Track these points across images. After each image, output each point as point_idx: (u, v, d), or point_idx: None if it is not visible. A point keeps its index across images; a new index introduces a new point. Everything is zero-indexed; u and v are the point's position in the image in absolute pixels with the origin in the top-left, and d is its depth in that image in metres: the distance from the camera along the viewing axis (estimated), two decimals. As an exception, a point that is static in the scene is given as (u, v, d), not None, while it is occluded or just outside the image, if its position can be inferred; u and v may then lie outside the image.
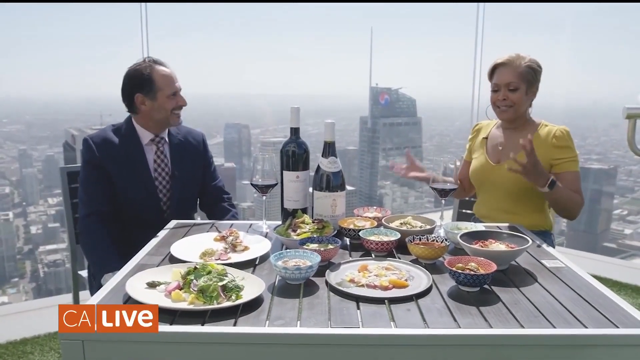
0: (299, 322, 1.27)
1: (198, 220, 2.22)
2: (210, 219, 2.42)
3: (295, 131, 1.97)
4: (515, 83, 2.19)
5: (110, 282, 1.52)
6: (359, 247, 1.80)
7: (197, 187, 2.40)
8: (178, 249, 1.73)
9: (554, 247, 2.30)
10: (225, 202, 2.48)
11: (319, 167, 1.93)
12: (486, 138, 2.38)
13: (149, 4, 3.58)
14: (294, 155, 1.96)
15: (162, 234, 1.99)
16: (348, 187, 1.98)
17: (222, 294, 1.35)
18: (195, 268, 1.44)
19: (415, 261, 1.67)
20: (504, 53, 2.26)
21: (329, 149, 1.92)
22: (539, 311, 1.32)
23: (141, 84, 2.17)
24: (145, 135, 2.25)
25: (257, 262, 1.69)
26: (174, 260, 1.68)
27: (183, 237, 1.93)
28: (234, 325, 1.25)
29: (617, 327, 1.24)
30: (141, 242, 1.89)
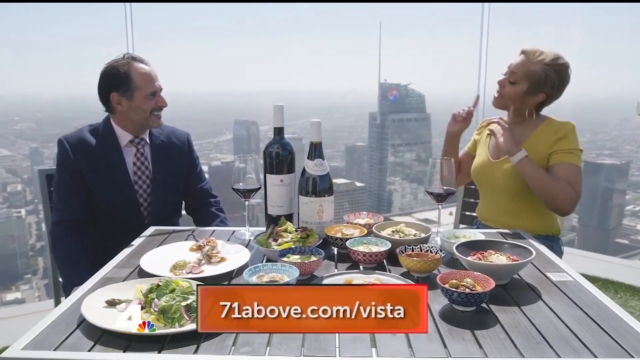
0: (268, 348, 1.12)
1: (178, 227, 2.08)
2: (197, 225, 2.27)
3: (279, 131, 1.82)
4: (517, 77, 2.02)
5: (70, 299, 1.39)
6: (347, 257, 1.65)
7: (180, 190, 2.26)
8: (148, 261, 1.59)
9: (562, 254, 2.15)
10: (213, 207, 2.33)
11: (304, 170, 1.79)
12: (489, 134, 2.22)
13: (134, 3, 3.47)
14: (278, 157, 1.82)
15: (137, 242, 1.86)
16: (357, 184, 1.84)
17: (185, 315, 1.21)
18: (158, 285, 1.30)
19: (407, 274, 1.52)
20: (547, 46, 2.06)
21: (315, 150, 1.78)
22: (542, 336, 1.17)
23: (117, 82, 2.03)
24: (124, 136, 2.11)
25: (233, 275, 1.54)
26: (143, 274, 1.54)
27: (159, 245, 1.79)
28: (195, 352, 1.12)
29: (632, 357, 1.08)
30: (120, 251, 1.76)
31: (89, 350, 1.13)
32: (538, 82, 2.01)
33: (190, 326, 1.19)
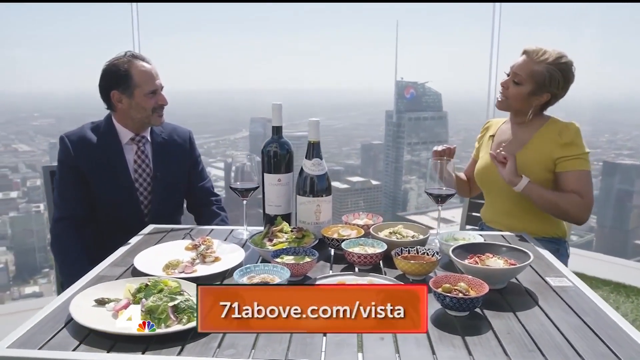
0: (253, 351, 1.11)
1: (176, 226, 2.07)
2: (198, 224, 2.27)
3: (277, 130, 1.81)
4: (521, 77, 1.98)
5: (60, 297, 1.39)
6: (343, 258, 1.62)
7: (182, 188, 2.25)
8: (142, 259, 1.58)
9: (567, 257, 2.11)
10: (214, 206, 2.32)
11: (302, 169, 1.77)
12: (493, 136, 2.18)
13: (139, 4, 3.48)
14: (276, 156, 1.80)
15: (134, 240, 1.86)
16: (373, 182, 1.83)
17: (172, 316, 1.20)
18: (147, 285, 1.29)
19: (403, 277, 1.49)
20: (542, 44, 2.01)
21: (313, 150, 1.76)
22: (535, 343, 1.14)
23: (117, 80, 2.03)
24: (125, 134, 2.11)
25: (226, 275, 1.53)
26: (136, 272, 1.53)
27: (156, 244, 1.79)
28: (179, 354, 1.10)
29: (626, 367, 1.04)
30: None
31: (74, 350, 1.12)
32: (542, 82, 1.96)
33: (177, 327, 1.18)
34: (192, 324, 1.18)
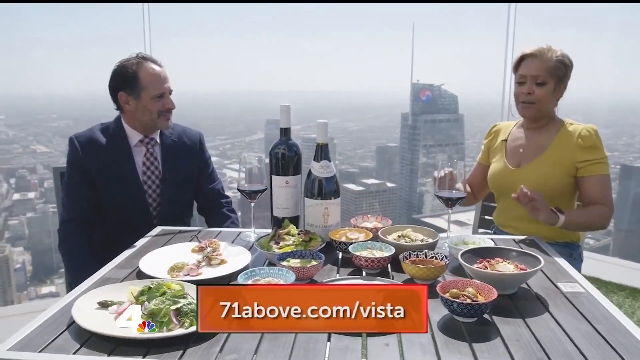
0: (255, 356, 1.09)
1: (184, 228, 2.06)
2: (208, 225, 2.26)
3: (285, 132, 1.79)
4: (544, 77, 1.96)
5: (64, 299, 1.38)
6: (351, 262, 1.60)
7: (191, 190, 2.24)
8: (147, 262, 1.57)
9: (581, 262, 2.06)
10: (224, 208, 2.31)
11: (310, 171, 1.75)
12: (505, 140, 2.14)
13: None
14: (284, 158, 1.78)
15: (141, 242, 1.85)
16: (388, 184, 1.81)
17: (174, 320, 1.19)
18: (149, 288, 1.28)
19: (411, 281, 1.47)
20: (532, 44, 2.02)
21: (321, 152, 1.73)
22: (544, 351, 1.10)
23: (125, 81, 2.02)
24: (134, 136, 2.11)
25: (232, 278, 1.51)
26: (141, 275, 1.52)
27: (163, 246, 1.78)
28: (180, 357, 1.09)
29: (639, 377, 1.01)
30: (128, 251, 1.75)
31: (74, 353, 1.11)
32: (561, 74, 1.99)
33: (179, 330, 1.16)
34: (194, 327, 1.16)
